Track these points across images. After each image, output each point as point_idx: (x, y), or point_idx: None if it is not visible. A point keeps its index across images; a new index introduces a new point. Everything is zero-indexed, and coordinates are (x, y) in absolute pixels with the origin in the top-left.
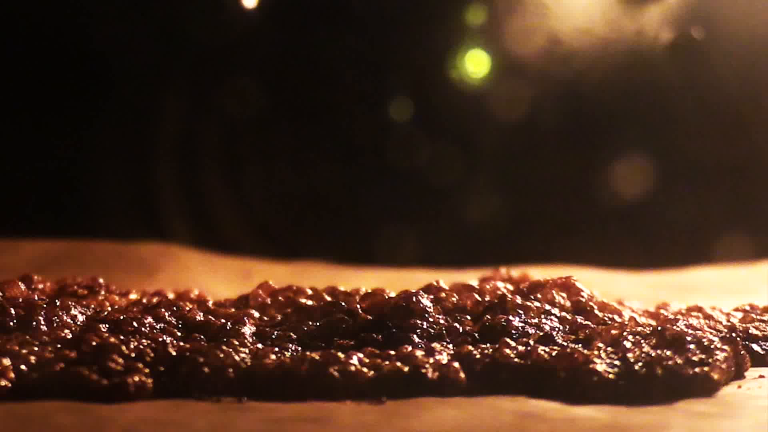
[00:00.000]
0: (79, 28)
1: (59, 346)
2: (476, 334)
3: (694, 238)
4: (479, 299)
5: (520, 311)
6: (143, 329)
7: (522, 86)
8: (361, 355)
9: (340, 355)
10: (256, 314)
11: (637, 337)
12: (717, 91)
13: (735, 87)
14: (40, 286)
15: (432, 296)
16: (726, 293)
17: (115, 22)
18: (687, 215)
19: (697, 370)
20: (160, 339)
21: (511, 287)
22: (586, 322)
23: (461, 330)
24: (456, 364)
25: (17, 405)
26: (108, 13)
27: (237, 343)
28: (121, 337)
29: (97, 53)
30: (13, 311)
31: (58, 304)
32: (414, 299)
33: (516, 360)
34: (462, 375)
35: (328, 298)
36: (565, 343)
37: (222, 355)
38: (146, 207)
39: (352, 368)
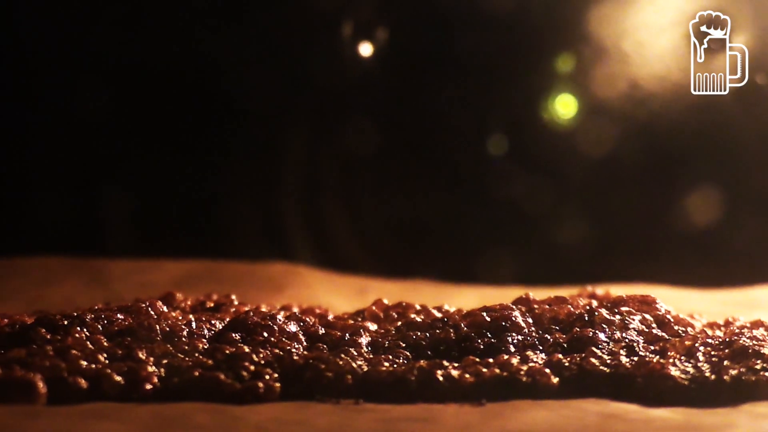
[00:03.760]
0: (217, 74)
1: (197, 354)
2: (565, 345)
3: (759, 259)
4: (572, 310)
5: (605, 325)
6: (272, 339)
7: (605, 126)
8: (463, 363)
9: (445, 363)
10: (372, 327)
11: (708, 347)
12: None
13: None
14: (182, 304)
15: (524, 308)
16: None
17: (247, 68)
18: (752, 239)
19: (759, 376)
20: (287, 348)
21: (596, 303)
22: (663, 334)
23: (551, 340)
24: (547, 370)
25: (160, 406)
26: (241, 60)
27: (355, 352)
28: (252, 346)
29: (232, 95)
30: (157, 325)
31: (196, 318)
32: (510, 321)
33: (600, 368)
34: (554, 380)
35: (436, 314)
36: (643, 353)
37: (341, 363)
38: (274, 231)
39: (456, 374)
